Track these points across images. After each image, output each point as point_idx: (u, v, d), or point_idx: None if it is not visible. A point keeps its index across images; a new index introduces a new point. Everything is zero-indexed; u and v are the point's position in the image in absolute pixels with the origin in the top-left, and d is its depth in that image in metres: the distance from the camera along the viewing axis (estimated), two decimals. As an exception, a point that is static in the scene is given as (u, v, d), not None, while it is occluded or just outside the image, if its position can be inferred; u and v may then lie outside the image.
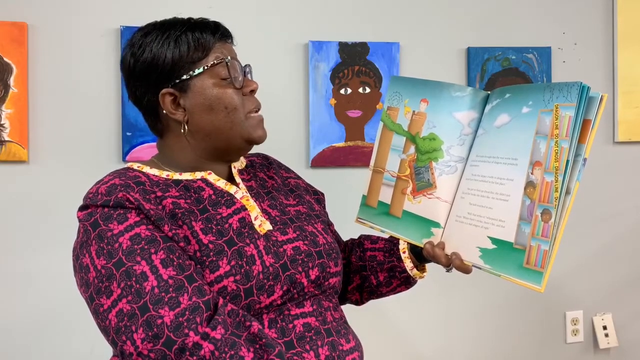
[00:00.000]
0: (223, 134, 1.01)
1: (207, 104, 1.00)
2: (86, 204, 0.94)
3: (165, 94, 1.00)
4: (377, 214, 1.14)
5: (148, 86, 1.01)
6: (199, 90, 0.99)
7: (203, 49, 1.00)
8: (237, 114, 1.01)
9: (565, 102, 0.88)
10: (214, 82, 1.00)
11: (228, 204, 1.00)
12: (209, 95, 0.99)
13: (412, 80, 1.11)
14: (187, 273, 0.88)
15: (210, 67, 0.99)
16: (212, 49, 1.00)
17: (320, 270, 1.00)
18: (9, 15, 1.71)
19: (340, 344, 0.99)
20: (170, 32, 1.00)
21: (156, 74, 1.00)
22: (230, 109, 1.00)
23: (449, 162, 1.03)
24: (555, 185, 0.88)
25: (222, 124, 1.00)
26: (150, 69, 1.00)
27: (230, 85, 1.00)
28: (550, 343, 2.08)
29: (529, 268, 0.90)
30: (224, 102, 1.00)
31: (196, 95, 1.00)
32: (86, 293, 0.89)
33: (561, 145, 0.88)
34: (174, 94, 1.00)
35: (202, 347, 0.82)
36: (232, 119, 1.00)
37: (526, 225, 0.90)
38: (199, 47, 0.99)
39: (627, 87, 2.07)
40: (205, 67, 0.99)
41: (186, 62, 0.99)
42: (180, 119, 1.00)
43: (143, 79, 1.01)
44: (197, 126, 1.01)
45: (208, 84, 1.00)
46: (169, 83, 0.99)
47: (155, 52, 0.99)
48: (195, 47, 0.99)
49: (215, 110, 1.00)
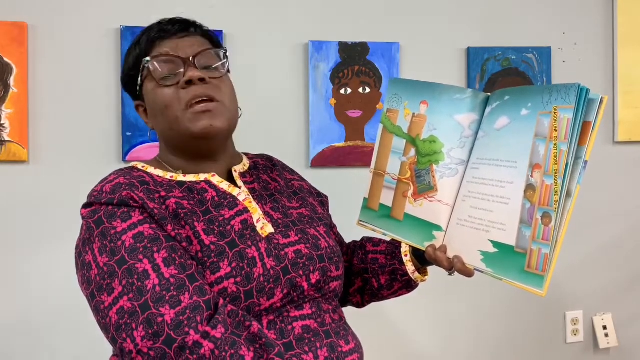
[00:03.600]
0: (168, 135, 1.02)
1: (151, 109, 1.03)
2: (90, 201, 0.94)
3: (137, 106, 1.06)
4: (379, 216, 1.13)
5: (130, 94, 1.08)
6: (145, 97, 1.03)
7: (144, 56, 1.01)
8: (170, 112, 0.98)
9: (564, 104, 0.87)
10: (153, 85, 1.01)
11: (231, 205, 0.99)
12: (149, 101, 1.02)
13: (411, 82, 1.10)
14: (188, 272, 0.88)
15: (141, 72, 1.01)
16: (150, 52, 1.01)
17: (322, 274, 1.00)
18: (9, 15, 1.70)
19: (339, 346, 0.99)
20: (131, 45, 1.04)
21: (127, 88, 1.07)
22: (162, 108, 0.99)
23: (449, 164, 1.02)
24: (555, 188, 0.87)
25: (163, 125, 1.01)
26: (123, 84, 1.07)
27: (161, 84, 0.99)
28: (550, 343, 2.08)
29: (530, 272, 0.89)
30: (157, 103, 1.00)
31: (146, 102, 1.04)
32: (87, 290, 0.89)
33: (560, 147, 0.87)
34: (142, 105, 1.05)
35: (202, 346, 0.82)
36: (168, 119, 0.99)
37: (527, 229, 0.90)
38: (140, 56, 1.01)
39: (627, 87, 2.06)
40: (140, 75, 1.01)
41: (135, 74, 1.03)
42: (150, 126, 1.06)
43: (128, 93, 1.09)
44: (156, 131, 1.05)
45: (148, 89, 1.02)
46: (135, 95, 1.05)
47: (122, 68, 1.06)
48: (137, 56, 1.02)
49: (156, 113, 1.01)
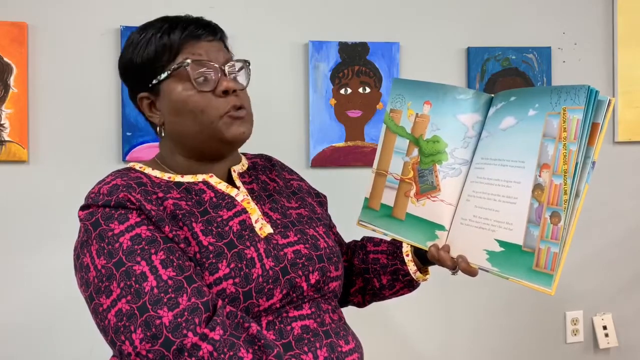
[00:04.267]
0: (194, 137, 0.99)
1: (175, 108, 0.99)
2: (87, 203, 0.94)
3: (142, 98, 1.02)
4: (380, 216, 1.13)
5: (131, 88, 1.04)
6: (166, 94, 0.99)
7: (170, 52, 0.98)
8: (204, 117, 0.97)
9: (573, 105, 0.88)
10: (182, 85, 0.98)
11: (229, 206, 0.99)
12: (174, 99, 0.98)
13: (414, 82, 1.10)
14: (186, 274, 0.88)
15: (173, 70, 0.98)
16: (181, 50, 0.98)
17: (321, 275, 1.00)
18: (9, 15, 1.70)
19: (339, 346, 0.98)
20: (146, 34, 1.00)
21: (133, 78, 1.02)
22: (196, 112, 0.98)
23: (453, 164, 1.02)
24: (564, 187, 0.87)
25: (191, 127, 0.99)
26: (127, 72, 1.03)
27: (199, 89, 0.98)
28: (550, 343, 2.08)
29: (539, 271, 0.89)
30: (188, 105, 0.98)
31: (165, 99, 1.00)
32: (86, 292, 0.89)
33: (569, 148, 0.88)
34: (149, 98, 1.01)
35: (200, 348, 0.82)
36: (199, 122, 0.98)
37: (535, 228, 0.90)
38: (165, 51, 0.98)
39: (627, 87, 2.07)
40: (169, 72, 0.98)
41: (156, 66, 0.99)
42: (157, 121, 1.02)
43: (127, 83, 1.04)
44: (170, 129, 1.01)
45: (174, 87, 0.98)
46: (144, 87, 1.01)
47: (131, 57, 1.01)
48: (162, 50, 0.98)
49: (182, 114, 0.99)
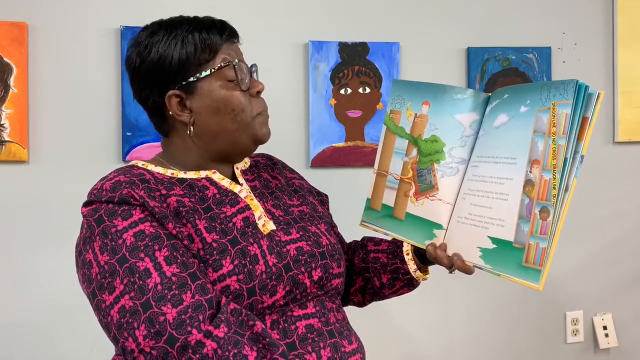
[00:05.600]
0: (230, 135, 1.00)
1: (215, 106, 0.99)
2: (90, 199, 0.93)
3: (171, 96, 0.99)
4: (381, 216, 1.14)
5: (154, 87, 1.00)
6: (205, 92, 0.99)
7: (210, 51, 0.98)
8: (244, 116, 1.00)
9: (562, 99, 0.88)
10: (221, 84, 0.99)
11: (232, 203, 0.99)
12: (216, 98, 0.99)
13: (414, 83, 1.11)
14: (190, 271, 0.87)
15: (217, 69, 0.98)
16: (220, 50, 0.99)
17: (323, 271, 1.00)
18: (9, 15, 1.70)
19: (342, 346, 0.98)
20: (177, 31, 0.98)
21: (162, 75, 0.99)
22: (237, 111, 1.00)
23: (450, 163, 1.03)
24: (553, 182, 0.88)
25: (229, 125, 1.00)
26: (157, 69, 0.99)
27: (237, 87, 1.00)
28: (550, 343, 2.08)
29: (528, 266, 0.90)
30: (231, 104, 0.99)
31: (203, 97, 0.99)
32: (88, 289, 0.89)
33: (558, 143, 0.88)
34: (180, 96, 0.99)
35: (205, 345, 0.82)
36: (239, 121, 1.00)
37: (525, 224, 0.91)
38: (206, 49, 0.98)
39: (627, 87, 2.07)
40: (212, 70, 0.98)
41: (193, 63, 0.98)
42: (187, 120, 1.00)
43: (149, 80, 1.00)
44: (203, 128, 1.00)
45: (215, 86, 0.99)
46: (176, 84, 0.98)
47: (162, 53, 0.98)
48: (202, 48, 0.98)
49: (222, 113, 0.99)
